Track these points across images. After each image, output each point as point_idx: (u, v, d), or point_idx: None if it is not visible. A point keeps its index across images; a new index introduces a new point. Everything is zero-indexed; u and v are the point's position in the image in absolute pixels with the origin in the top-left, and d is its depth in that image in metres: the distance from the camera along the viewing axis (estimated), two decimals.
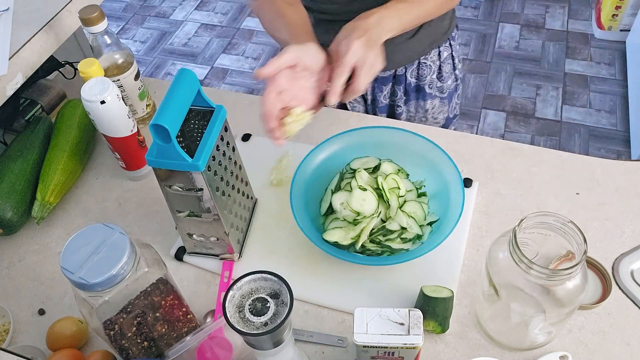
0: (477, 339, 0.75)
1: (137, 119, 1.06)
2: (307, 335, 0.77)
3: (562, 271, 0.60)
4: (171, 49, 2.92)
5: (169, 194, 0.75)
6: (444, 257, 0.82)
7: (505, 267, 0.64)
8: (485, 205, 0.89)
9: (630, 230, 0.84)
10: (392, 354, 0.63)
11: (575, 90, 2.45)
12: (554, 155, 0.95)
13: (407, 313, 0.63)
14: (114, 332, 0.65)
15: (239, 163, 0.83)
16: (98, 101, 0.84)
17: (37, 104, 1.08)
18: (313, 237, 0.80)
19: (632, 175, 0.91)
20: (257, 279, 0.59)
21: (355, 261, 0.80)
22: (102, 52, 0.98)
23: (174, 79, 0.71)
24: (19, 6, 1.01)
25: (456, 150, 0.96)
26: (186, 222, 0.79)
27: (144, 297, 0.65)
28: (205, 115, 0.76)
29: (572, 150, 2.06)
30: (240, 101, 1.11)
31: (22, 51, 0.93)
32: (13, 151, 0.96)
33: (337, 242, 0.80)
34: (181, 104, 0.69)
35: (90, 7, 0.93)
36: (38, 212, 0.91)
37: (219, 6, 3.15)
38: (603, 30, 2.62)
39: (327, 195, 0.87)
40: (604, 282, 0.78)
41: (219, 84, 2.70)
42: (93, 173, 1.02)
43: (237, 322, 0.56)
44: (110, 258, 0.59)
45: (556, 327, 0.69)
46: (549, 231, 0.65)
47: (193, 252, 0.86)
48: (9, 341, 0.80)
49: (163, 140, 0.68)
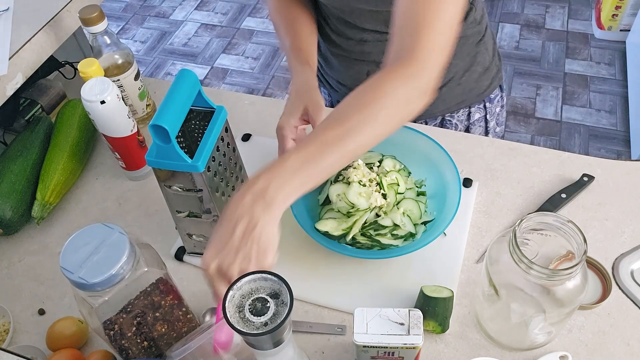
0: (477, 339, 0.75)
1: (137, 119, 1.06)
2: (306, 327, 0.77)
3: (562, 271, 0.60)
4: (171, 49, 2.92)
5: (169, 194, 0.75)
6: (444, 257, 0.82)
7: (505, 267, 0.64)
8: (485, 205, 0.89)
9: (630, 230, 0.84)
10: (392, 354, 0.63)
11: (575, 90, 2.45)
12: (554, 155, 0.95)
13: (407, 313, 0.63)
14: (113, 332, 0.65)
15: (239, 164, 0.83)
16: (98, 101, 0.84)
17: (37, 104, 1.08)
18: (305, 225, 0.81)
19: (632, 175, 0.91)
20: (257, 279, 0.59)
21: (343, 252, 0.80)
22: (102, 52, 0.98)
23: (175, 80, 0.71)
24: (19, 6, 1.01)
25: (456, 150, 0.96)
26: (186, 222, 0.79)
27: (143, 297, 0.65)
28: (206, 115, 0.76)
29: (572, 150, 2.06)
30: (240, 101, 1.11)
31: (22, 51, 0.93)
32: (13, 151, 0.96)
33: (328, 232, 0.82)
34: (181, 105, 0.69)
35: (90, 7, 0.93)
36: (38, 212, 0.91)
37: (219, 6, 3.15)
38: (603, 30, 2.62)
39: (326, 186, 0.88)
40: (604, 282, 0.78)
41: (219, 84, 2.70)
42: (93, 173, 1.02)
43: (237, 322, 0.56)
44: (110, 258, 0.59)
45: (556, 327, 0.69)
46: (549, 231, 0.65)
47: (193, 252, 0.86)
48: (9, 341, 0.80)
49: (163, 140, 0.68)
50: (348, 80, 1.05)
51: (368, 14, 0.91)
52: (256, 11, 3.09)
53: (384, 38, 0.91)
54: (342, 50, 1.00)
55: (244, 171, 0.85)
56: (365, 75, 1.00)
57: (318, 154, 0.63)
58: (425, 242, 0.78)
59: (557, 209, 0.86)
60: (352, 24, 0.94)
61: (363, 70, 1.00)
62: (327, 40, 1.02)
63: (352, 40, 0.97)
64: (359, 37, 0.95)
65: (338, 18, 0.96)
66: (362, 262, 0.83)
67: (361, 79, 0.98)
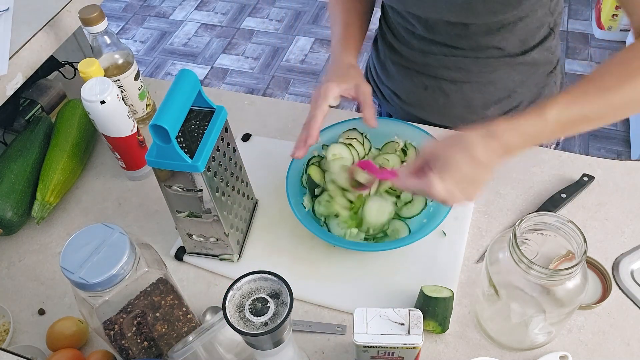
0: (477, 339, 0.75)
1: (137, 119, 1.06)
2: (306, 326, 0.77)
3: (562, 271, 0.60)
4: (171, 49, 2.92)
5: (169, 194, 0.75)
6: (444, 257, 0.82)
7: (505, 267, 0.64)
8: (485, 205, 0.89)
9: (630, 230, 0.84)
10: (392, 354, 0.63)
11: None
12: (554, 155, 0.95)
13: (407, 313, 0.63)
14: (114, 332, 0.65)
15: (239, 164, 0.83)
16: (98, 101, 0.84)
17: (37, 104, 1.08)
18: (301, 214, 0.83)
19: (632, 175, 0.91)
20: (257, 279, 0.59)
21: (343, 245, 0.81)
22: (102, 52, 0.98)
23: (175, 80, 0.71)
24: (19, 6, 1.01)
25: None
26: (186, 222, 0.79)
27: (143, 297, 0.65)
28: (206, 115, 0.76)
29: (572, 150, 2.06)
30: (240, 101, 1.11)
31: (22, 51, 0.93)
32: (13, 151, 0.96)
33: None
34: (181, 105, 0.69)
35: (90, 7, 0.93)
36: (38, 212, 0.91)
37: (219, 6, 3.15)
38: (603, 30, 2.62)
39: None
40: (604, 282, 0.78)
41: (219, 84, 2.70)
42: (93, 173, 1.02)
43: (237, 322, 0.56)
44: (110, 258, 0.59)
45: (556, 327, 0.69)
46: (549, 231, 0.65)
47: (193, 252, 0.86)
48: (9, 341, 0.80)
49: (163, 140, 0.68)
50: (403, 93, 1.01)
51: (442, 26, 0.87)
52: (256, 11, 3.09)
53: (451, 53, 0.89)
54: (403, 60, 0.97)
55: (244, 171, 0.85)
56: (424, 89, 0.96)
57: (573, 119, 0.66)
58: (425, 233, 0.79)
59: (557, 209, 0.86)
60: (420, 34, 0.91)
61: (421, 84, 0.96)
62: (388, 48, 0.99)
63: (416, 50, 0.93)
64: (426, 48, 0.92)
65: (405, 26, 0.92)
66: (362, 262, 0.83)
67: (418, 92, 0.97)
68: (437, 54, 0.91)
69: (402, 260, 0.83)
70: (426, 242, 0.83)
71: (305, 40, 2.89)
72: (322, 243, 0.84)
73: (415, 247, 0.83)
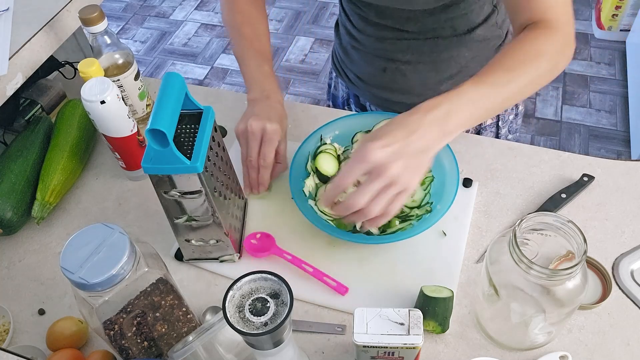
0: (477, 339, 0.75)
1: (137, 119, 1.06)
2: (306, 326, 0.77)
3: (562, 271, 0.60)
4: (171, 49, 2.92)
5: (167, 200, 0.75)
6: (444, 257, 0.82)
7: (505, 267, 0.64)
8: (485, 205, 0.89)
9: (630, 230, 0.84)
10: (392, 354, 0.63)
11: (575, 90, 2.45)
12: (554, 155, 0.95)
13: (407, 313, 0.63)
14: (114, 332, 0.65)
15: (229, 163, 0.84)
16: (98, 101, 0.84)
17: (37, 104, 1.08)
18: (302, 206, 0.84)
19: (632, 175, 0.91)
20: (257, 279, 0.59)
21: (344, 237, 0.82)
22: (102, 52, 0.98)
23: (163, 83, 0.70)
24: (19, 6, 1.01)
25: (456, 150, 0.96)
26: (184, 228, 0.79)
27: (143, 297, 0.65)
28: (191, 118, 0.76)
29: (572, 150, 2.06)
30: (240, 101, 1.11)
31: (22, 51, 0.93)
32: (13, 151, 0.96)
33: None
34: (174, 108, 0.69)
35: (90, 7, 0.93)
36: (38, 212, 0.91)
37: (219, 6, 3.15)
38: (603, 30, 2.62)
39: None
40: (604, 282, 0.78)
41: (219, 84, 2.70)
42: (93, 173, 1.02)
43: (237, 322, 0.56)
44: (110, 258, 0.59)
45: (556, 327, 0.69)
46: (549, 231, 0.65)
47: (191, 259, 0.85)
48: (9, 341, 0.80)
49: (160, 144, 0.67)
50: (365, 75, 1.07)
51: (392, 11, 0.93)
52: None
53: (402, 36, 0.96)
54: (361, 46, 1.03)
55: (233, 170, 0.86)
56: (383, 71, 1.03)
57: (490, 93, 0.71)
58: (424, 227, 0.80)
59: (557, 209, 0.86)
60: (373, 21, 0.97)
61: (380, 67, 1.02)
62: (347, 34, 1.05)
63: (371, 36, 1.00)
64: (380, 34, 0.98)
65: (360, 13, 0.98)
66: (362, 261, 0.83)
67: (378, 75, 1.04)
68: (390, 39, 0.98)
69: (402, 260, 0.83)
70: (426, 242, 0.83)
71: (305, 40, 2.89)
72: (321, 243, 0.85)
73: (415, 247, 0.83)
